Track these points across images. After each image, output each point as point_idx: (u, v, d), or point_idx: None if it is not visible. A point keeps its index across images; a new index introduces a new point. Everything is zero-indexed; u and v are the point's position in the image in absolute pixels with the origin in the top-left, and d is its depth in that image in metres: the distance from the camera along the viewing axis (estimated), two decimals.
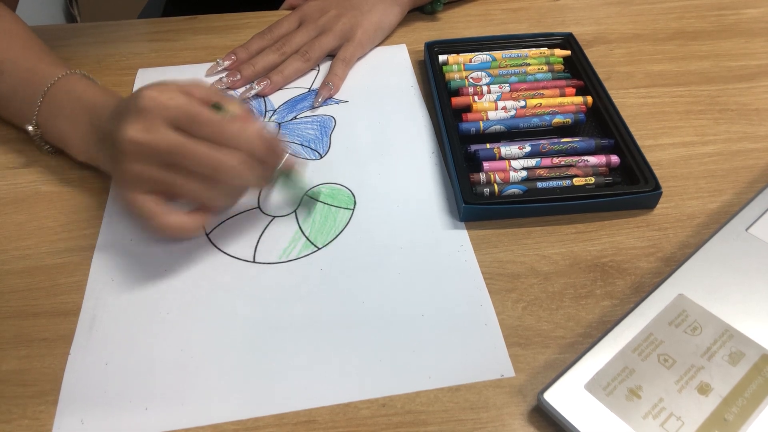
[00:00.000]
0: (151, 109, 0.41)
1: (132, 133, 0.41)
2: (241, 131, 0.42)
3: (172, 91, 0.42)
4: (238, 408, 0.39)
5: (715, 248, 0.44)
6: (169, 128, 0.41)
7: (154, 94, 0.41)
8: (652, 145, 0.55)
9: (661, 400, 0.37)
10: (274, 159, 0.45)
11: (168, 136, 0.41)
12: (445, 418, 0.38)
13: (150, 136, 0.41)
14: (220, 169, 0.42)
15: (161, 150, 0.41)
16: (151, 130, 0.41)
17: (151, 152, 0.41)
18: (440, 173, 0.53)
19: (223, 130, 0.41)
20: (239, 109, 0.44)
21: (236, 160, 0.42)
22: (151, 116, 0.41)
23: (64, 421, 0.38)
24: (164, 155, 0.41)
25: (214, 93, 0.45)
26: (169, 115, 0.41)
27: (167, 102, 0.41)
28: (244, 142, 0.42)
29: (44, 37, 0.67)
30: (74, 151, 0.51)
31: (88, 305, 0.44)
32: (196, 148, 0.41)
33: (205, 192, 0.43)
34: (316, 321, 0.43)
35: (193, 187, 0.43)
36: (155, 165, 0.42)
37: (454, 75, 0.60)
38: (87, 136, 0.48)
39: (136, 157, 0.42)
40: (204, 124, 0.41)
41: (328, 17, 0.64)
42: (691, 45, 0.67)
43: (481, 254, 0.47)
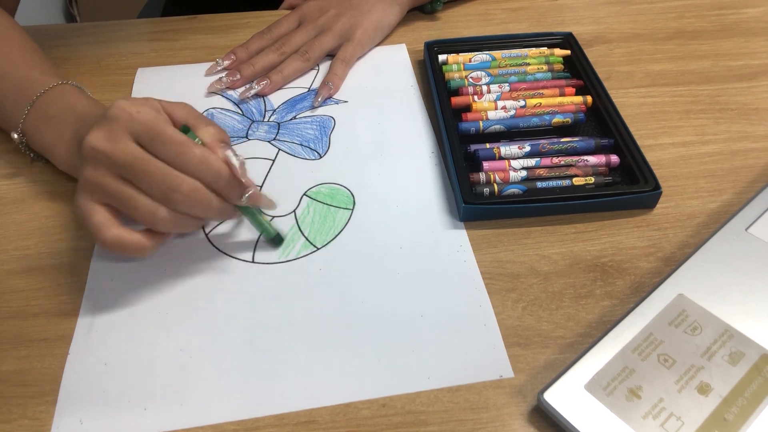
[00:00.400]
0: (118, 118, 0.40)
1: (93, 140, 0.40)
2: (202, 159, 0.40)
3: (145, 105, 0.41)
4: (238, 408, 0.39)
5: (715, 248, 0.44)
6: (131, 141, 0.40)
7: (126, 105, 0.41)
8: (652, 145, 0.55)
9: (661, 400, 0.37)
10: (235, 194, 0.42)
11: (127, 148, 0.40)
12: (445, 418, 0.38)
13: (109, 145, 0.40)
14: (169, 193, 0.40)
15: (118, 161, 0.40)
16: (112, 140, 0.40)
17: (108, 162, 0.40)
18: (440, 173, 0.53)
19: (183, 153, 0.40)
20: (211, 137, 0.43)
21: (189, 187, 0.40)
22: (116, 126, 0.40)
23: (63, 421, 0.38)
24: (120, 167, 0.40)
25: (194, 117, 0.44)
26: (134, 129, 0.40)
27: (134, 114, 0.40)
28: (204, 170, 0.40)
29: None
30: (57, 160, 0.50)
31: (88, 305, 0.44)
32: (150, 166, 0.40)
33: (149, 211, 0.41)
34: (316, 321, 0.43)
35: (138, 202, 0.41)
36: (111, 175, 0.41)
37: (454, 75, 0.60)
38: (70, 146, 0.48)
39: (93, 164, 0.41)
40: (165, 144, 0.40)
41: (328, 17, 0.64)
42: (691, 45, 0.67)
43: (481, 254, 0.47)
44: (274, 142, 0.56)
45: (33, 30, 0.68)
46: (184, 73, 0.64)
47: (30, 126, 0.50)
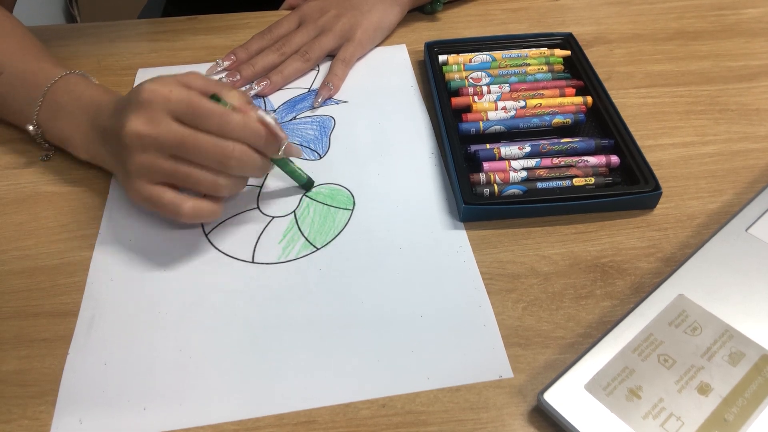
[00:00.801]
0: (152, 101, 0.42)
1: (136, 126, 0.42)
2: (243, 123, 0.43)
3: (172, 83, 0.43)
4: (238, 408, 0.39)
5: (715, 248, 0.44)
6: (173, 120, 0.42)
7: (155, 87, 0.42)
8: (652, 145, 0.55)
9: (661, 401, 0.37)
10: (275, 147, 0.45)
11: (172, 128, 0.42)
12: (445, 418, 0.38)
13: (154, 129, 0.42)
14: (225, 161, 0.43)
15: (166, 142, 0.42)
16: (154, 123, 0.42)
17: (156, 144, 0.42)
18: (440, 173, 0.53)
19: (226, 122, 0.42)
20: (238, 99, 0.44)
21: (240, 152, 0.43)
22: (154, 109, 0.42)
23: (62, 421, 0.38)
24: (170, 147, 0.42)
25: (212, 83, 0.45)
26: (172, 108, 0.42)
27: (168, 94, 0.42)
28: (248, 133, 0.43)
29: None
30: (76, 150, 0.51)
31: (87, 305, 0.44)
32: (201, 141, 0.42)
33: (211, 181, 0.44)
34: (316, 321, 0.43)
35: (200, 176, 0.43)
36: (162, 156, 0.43)
37: (454, 75, 0.60)
38: (88, 134, 0.49)
39: (142, 150, 0.43)
40: (207, 117, 0.42)
41: (328, 17, 0.64)
42: (691, 45, 0.67)
43: (482, 254, 0.47)
44: None
45: (33, 30, 0.68)
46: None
47: (44, 118, 0.51)
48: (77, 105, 0.50)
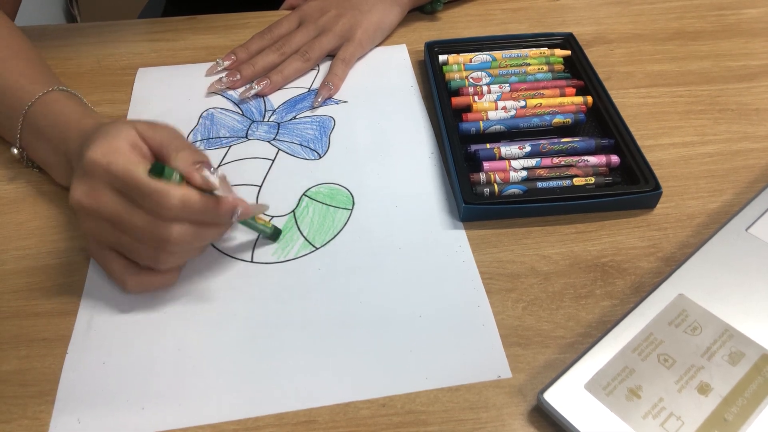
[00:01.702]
0: (94, 172, 0.39)
1: (78, 195, 0.40)
2: (182, 202, 0.39)
3: (117, 152, 0.39)
4: (237, 407, 0.39)
5: (715, 248, 0.44)
6: (113, 192, 0.40)
7: (97, 158, 0.39)
8: (652, 145, 0.55)
9: (661, 400, 0.37)
10: (225, 217, 0.41)
11: (109, 203, 0.40)
12: (445, 418, 0.38)
13: (94, 200, 0.40)
14: (162, 244, 0.40)
15: (105, 215, 0.40)
16: (93, 195, 0.40)
17: (97, 215, 0.40)
18: (440, 173, 0.53)
19: (161, 204, 0.38)
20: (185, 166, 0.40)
21: (179, 233, 0.39)
22: (95, 179, 0.40)
23: (61, 420, 0.38)
24: (109, 220, 0.40)
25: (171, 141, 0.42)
26: (111, 181, 0.39)
27: (107, 167, 0.39)
28: (188, 212, 0.39)
29: (44, 37, 0.68)
30: (56, 177, 0.50)
31: (86, 305, 0.44)
32: (135, 221, 0.39)
33: (151, 257, 0.41)
34: (315, 321, 0.43)
35: (140, 250, 0.41)
36: (106, 226, 0.41)
37: (454, 75, 0.60)
38: (62, 162, 0.47)
39: (85, 218, 0.41)
40: (141, 196, 0.39)
41: (328, 17, 0.64)
42: (691, 45, 0.67)
43: (481, 254, 0.47)
44: (274, 142, 0.56)
45: (33, 30, 0.68)
46: (185, 73, 0.64)
47: (26, 142, 0.50)
48: (54, 131, 0.48)
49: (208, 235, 0.42)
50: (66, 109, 0.48)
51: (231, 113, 0.59)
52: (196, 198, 0.39)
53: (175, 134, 0.43)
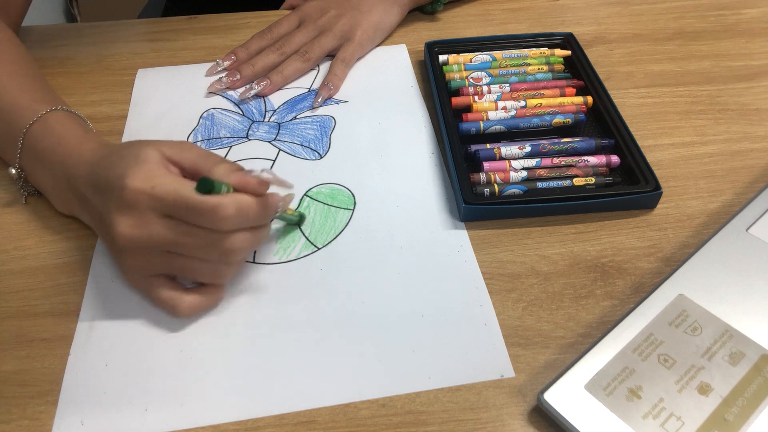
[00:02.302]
0: (137, 202, 0.38)
1: (124, 230, 0.39)
2: (239, 214, 0.39)
3: (157, 175, 0.39)
4: (238, 408, 0.39)
5: (715, 248, 0.44)
6: (161, 218, 0.39)
7: (137, 185, 0.38)
8: (652, 145, 0.55)
9: (661, 400, 0.37)
10: (273, 216, 0.43)
11: (161, 230, 0.39)
12: (445, 418, 0.38)
13: (145, 232, 0.39)
14: (227, 255, 0.40)
15: (159, 243, 0.39)
16: (143, 226, 0.39)
17: (149, 246, 0.39)
18: (440, 173, 0.53)
19: (219, 219, 0.38)
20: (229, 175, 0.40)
21: (242, 241, 0.40)
22: (140, 210, 0.39)
23: (64, 422, 0.38)
24: (163, 246, 0.40)
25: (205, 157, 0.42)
26: (158, 207, 0.38)
27: (152, 192, 0.38)
28: (244, 221, 0.39)
29: (44, 37, 0.68)
30: (54, 203, 0.49)
31: (88, 305, 0.44)
32: (197, 240, 0.39)
33: (211, 271, 0.41)
34: (316, 321, 0.43)
35: (199, 267, 0.41)
36: (157, 255, 0.40)
37: (455, 75, 0.60)
38: (65, 192, 0.46)
39: (134, 252, 0.40)
40: (197, 215, 0.38)
41: (328, 17, 0.64)
42: (691, 45, 0.67)
43: (482, 254, 0.47)
44: (275, 143, 0.56)
45: (33, 30, 0.68)
46: (185, 73, 0.64)
47: (25, 164, 0.48)
48: (54, 155, 0.46)
49: (261, 237, 0.42)
50: (66, 132, 0.47)
51: (231, 113, 0.59)
52: (250, 202, 0.39)
53: (204, 151, 0.43)
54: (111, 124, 0.58)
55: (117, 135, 0.57)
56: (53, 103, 0.49)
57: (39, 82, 0.52)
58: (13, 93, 0.49)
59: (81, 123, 0.49)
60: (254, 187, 0.39)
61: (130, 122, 0.58)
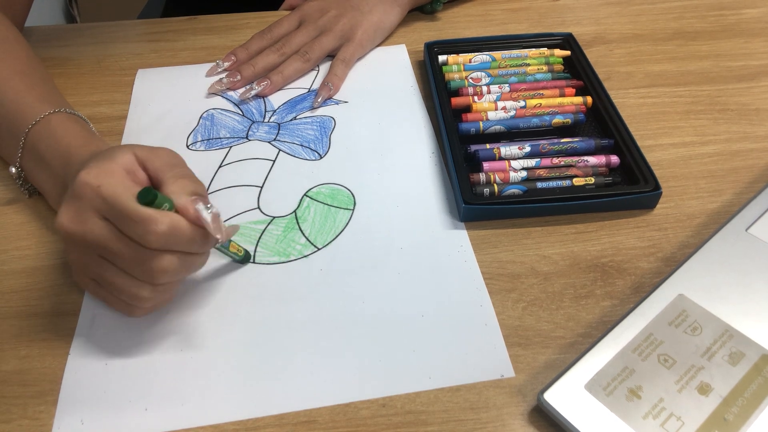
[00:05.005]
0: (82, 196, 0.37)
1: (63, 221, 0.38)
2: (169, 231, 0.37)
3: (110, 174, 0.38)
4: (238, 408, 0.39)
5: (715, 248, 0.44)
6: (100, 218, 0.37)
7: (88, 180, 0.37)
8: (651, 145, 0.55)
9: (661, 400, 0.37)
10: (211, 245, 0.40)
11: (95, 229, 0.37)
12: (445, 418, 0.38)
13: (78, 227, 0.38)
14: (148, 274, 0.38)
15: (89, 243, 0.38)
16: (80, 220, 0.38)
17: (81, 243, 0.38)
18: (440, 173, 0.53)
19: (148, 232, 0.36)
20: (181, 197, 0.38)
21: (166, 263, 0.38)
22: (82, 204, 0.38)
23: (64, 421, 0.38)
24: (94, 249, 0.38)
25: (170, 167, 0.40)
26: (98, 206, 0.37)
27: (98, 190, 0.37)
28: (174, 242, 0.37)
29: (44, 38, 0.68)
30: (53, 203, 0.48)
31: (88, 305, 0.44)
32: (121, 249, 0.37)
33: (133, 293, 0.39)
34: (316, 321, 0.43)
35: (122, 284, 0.39)
36: (90, 255, 0.39)
37: (454, 75, 0.60)
38: (60, 191, 0.45)
39: (71, 246, 0.40)
40: (129, 223, 0.36)
41: (328, 17, 0.64)
42: (691, 45, 0.67)
43: (481, 254, 0.47)
44: (275, 143, 0.56)
45: (33, 30, 0.68)
46: (185, 74, 0.64)
47: (26, 163, 0.48)
48: (54, 156, 0.46)
49: (192, 265, 0.40)
50: (69, 133, 0.46)
51: (231, 114, 0.59)
52: (185, 226, 0.37)
53: (175, 160, 0.41)
54: (111, 125, 0.58)
55: (117, 135, 0.57)
56: (57, 105, 0.49)
57: (45, 83, 0.52)
58: (19, 92, 0.49)
59: (83, 125, 0.49)
60: (190, 218, 0.38)
61: (130, 123, 0.58)
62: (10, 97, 0.49)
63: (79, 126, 0.48)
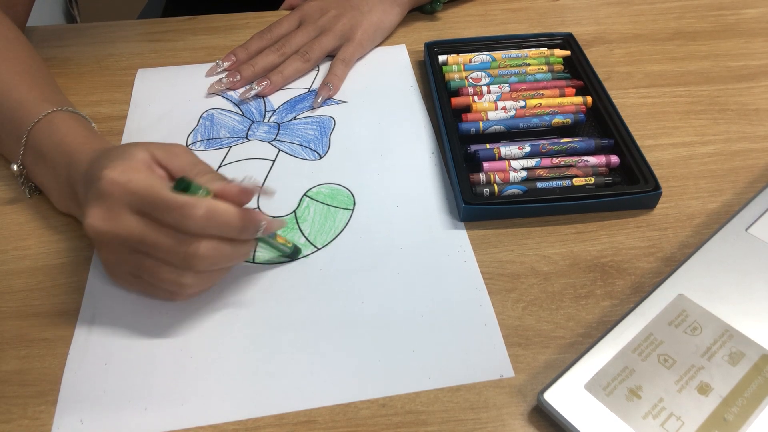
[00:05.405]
0: (111, 193, 0.38)
1: (94, 221, 0.38)
2: (208, 215, 0.37)
3: (136, 170, 0.38)
4: (238, 408, 0.39)
5: (715, 248, 0.44)
6: (133, 214, 0.38)
7: (115, 176, 0.38)
8: (651, 145, 0.55)
9: (661, 400, 0.37)
10: (252, 233, 0.40)
11: (130, 225, 0.38)
12: (445, 418, 0.38)
13: (113, 225, 0.38)
14: (189, 260, 0.38)
15: (126, 239, 0.38)
16: (112, 218, 0.38)
17: (117, 240, 0.38)
18: (440, 173, 0.53)
19: (186, 217, 0.37)
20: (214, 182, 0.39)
21: (206, 249, 0.38)
22: (113, 201, 0.38)
23: (63, 421, 0.38)
24: (130, 243, 0.38)
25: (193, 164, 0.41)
26: (130, 200, 0.38)
27: (127, 185, 0.37)
28: (213, 226, 0.38)
29: (44, 38, 0.68)
30: (54, 201, 0.49)
31: (88, 305, 0.44)
32: (160, 238, 0.38)
33: (173, 280, 0.39)
34: (316, 321, 0.43)
35: (163, 274, 0.39)
36: (124, 251, 0.39)
37: (454, 75, 0.60)
38: (65, 189, 0.46)
39: (103, 245, 0.40)
40: (165, 211, 0.37)
41: (328, 17, 0.64)
42: (690, 45, 0.67)
43: (481, 254, 0.47)
44: (274, 143, 0.56)
45: (33, 30, 0.68)
46: (185, 73, 0.64)
47: (28, 162, 0.48)
48: (56, 154, 0.46)
49: (235, 254, 0.40)
50: (71, 132, 0.47)
51: (231, 114, 0.59)
52: (224, 208, 0.38)
53: (196, 159, 0.42)
54: (111, 125, 0.58)
55: (117, 135, 0.57)
56: (60, 104, 0.49)
57: (47, 81, 0.52)
58: (21, 90, 0.49)
59: (85, 124, 0.49)
60: (234, 195, 0.38)
61: (130, 122, 0.58)
62: (13, 95, 0.49)
63: (81, 124, 0.48)
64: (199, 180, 0.39)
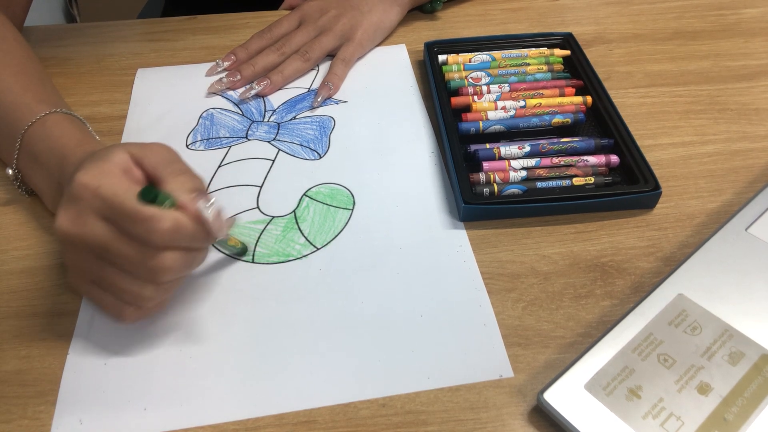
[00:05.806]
0: (80, 197, 0.37)
1: (62, 223, 0.37)
2: (175, 230, 0.36)
3: (108, 175, 0.37)
4: (237, 408, 0.39)
5: (714, 248, 0.44)
6: (100, 220, 0.37)
7: (86, 181, 0.37)
8: (651, 145, 0.55)
9: (661, 400, 0.37)
10: (213, 240, 0.39)
11: (96, 231, 0.37)
12: (445, 418, 0.38)
13: (79, 228, 0.37)
14: (152, 273, 0.37)
15: (91, 244, 0.37)
16: (79, 223, 0.37)
17: (82, 245, 0.38)
18: (440, 173, 0.53)
19: (151, 231, 0.36)
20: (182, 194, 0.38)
21: (170, 260, 0.37)
22: (81, 205, 0.37)
23: (62, 421, 0.38)
24: (95, 250, 0.38)
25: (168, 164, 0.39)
26: (98, 206, 0.37)
27: (97, 191, 0.36)
28: (178, 239, 0.37)
29: (44, 37, 0.68)
30: (47, 204, 0.48)
31: (87, 305, 0.44)
32: (123, 249, 0.37)
33: (135, 293, 0.38)
34: (316, 321, 0.43)
35: (124, 286, 0.38)
36: (90, 257, 0.38)
37: (454, 75, 0.60)
38: (56, 192, 0.45)
39: (70, 248, 0.39)
40: (131, 223, 0.36)
41: (328, 17, 0.64)
42: (690, 45, 0.67)
43: (481, 254, 0.47)
44: (274, 143, 0.56)
45: (33, 30, 0.68)
46: (184, 73, 0.64)
47: (22, 165, 0.48)
48: (50, 156, 0.45)
49: (196, 261, 0.40)
50: (65, 134, 0.46)
51: (231, 113, 0.59)
52: (188, 223, 0.37)
53: (172, 156, 0.40)
54: (110, 124, 0.58)
55: (116, 135, 0.57)
56: (54, 105, 0.48)
57: (43, 83, 0.52)
58: (16, 92, 0.49)
59: (80, 126, 0.48)
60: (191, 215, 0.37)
61: (130, 122, 0.58)
62: (7, 97, 0.49)
63: (75, 126, 0.48)
64: (169, 184, 0.38)
